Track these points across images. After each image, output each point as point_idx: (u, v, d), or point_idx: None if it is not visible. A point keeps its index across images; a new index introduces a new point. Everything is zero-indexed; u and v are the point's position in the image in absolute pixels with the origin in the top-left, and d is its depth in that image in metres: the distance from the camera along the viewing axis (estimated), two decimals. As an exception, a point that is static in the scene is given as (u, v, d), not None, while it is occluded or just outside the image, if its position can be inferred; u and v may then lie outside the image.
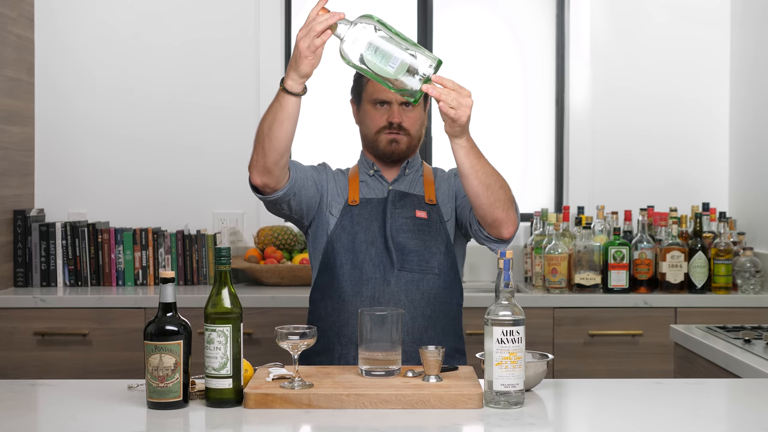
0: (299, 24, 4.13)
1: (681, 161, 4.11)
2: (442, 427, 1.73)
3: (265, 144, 2.23)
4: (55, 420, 1.82)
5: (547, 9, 4.22)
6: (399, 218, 2.43)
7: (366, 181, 2.53)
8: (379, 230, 2.43)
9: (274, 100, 2.24)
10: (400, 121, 2.43)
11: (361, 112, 2.55)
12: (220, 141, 4.06)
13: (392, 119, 2.44)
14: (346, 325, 2.38)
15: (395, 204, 2.45)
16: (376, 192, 2.50)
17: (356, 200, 2.47)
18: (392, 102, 2.44)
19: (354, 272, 2.40)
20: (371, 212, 2.46)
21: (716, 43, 4.11)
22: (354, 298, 2.38)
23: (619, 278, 3.60)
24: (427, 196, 2.48)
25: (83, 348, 3.48)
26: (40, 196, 4.01)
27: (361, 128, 2.57)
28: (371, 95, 2.49)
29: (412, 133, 2.46)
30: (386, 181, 2.52)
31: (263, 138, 2.24)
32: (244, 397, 1.84)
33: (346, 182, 2.53)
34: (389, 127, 2.45)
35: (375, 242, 2.41)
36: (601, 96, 4.11)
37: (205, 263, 3.84)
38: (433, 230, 2.43)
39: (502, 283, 1.84)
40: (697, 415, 1.85)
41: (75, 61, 4.03)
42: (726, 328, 2.77)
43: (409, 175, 2.53)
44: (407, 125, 2.45)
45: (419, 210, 2.45)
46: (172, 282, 1.85)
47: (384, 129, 2.46)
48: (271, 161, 2.25)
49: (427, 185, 2.50)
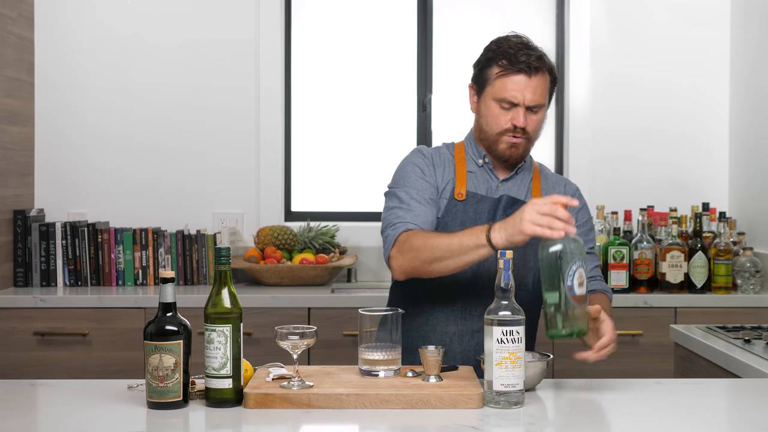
0: (299, 25, 4.16)
1: (681, 160, 4.11)
2: (442, 427, 1.73)
3: (429, 269, 2.14)
4: (55, 420, 1.82)
5: (547, 8, 4.22)
6: None
7: (474, 171, 2.37)
8: None
9: (468, 245, 2.07)
10: (525, 125, 2.27)
11: (482, 104, 2.33)
12: (221, 141, 4.06)
13: (518, 122, 2.27)
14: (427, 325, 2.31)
15: (506, 211, 2.31)
16: (484, 187, 2.35)
17: (463, 194, 2.33)
18: (520, 104, 2.27)
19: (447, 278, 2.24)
20: (477, 211, 2.32)
21: (716, 42, 4.11)
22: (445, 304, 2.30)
23: (619, 278, 3.60)
24: None
25: (83, 348, 3.48)
26: (40, 196, 4.01)
27: (479, 120, 2.36)
28: (499, 93, 2.28)
29: (533, 137, 2.32)
30: (496, 177, 2.38)
31: (430, 264, 2.13)
32: (244, 397, 1.84)
33: (453, 170, 2.37)
34: (513, 130, 2.28)
35: None
36: (601, 95, 4.11)
37: (205, 263, 3.84)
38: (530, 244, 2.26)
39: (502, 283, 1.85)
40: (696, 415, 1.85)
41: (75, 62, 4.03)
42: (726, 328, 2.77)
43: (520, 175, 2.39)
44: (530, 129, 2.29)
45: None
46: (172, 282, 1.85)
47: (507, 131, 2.29)
48: (424, 276, 2.18)
49: (535, 193, 2.37)
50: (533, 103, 2.27)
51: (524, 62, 2.26)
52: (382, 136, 4.20)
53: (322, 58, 4.21)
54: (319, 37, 4.20)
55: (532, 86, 2.26)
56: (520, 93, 2.26)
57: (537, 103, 2.27)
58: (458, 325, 2.32)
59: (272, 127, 4.06)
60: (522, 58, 2.26)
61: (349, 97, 4.21)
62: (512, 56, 2.27)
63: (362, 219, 4.10)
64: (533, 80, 2.26)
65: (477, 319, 2.30)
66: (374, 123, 4.21)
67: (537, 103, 2.27)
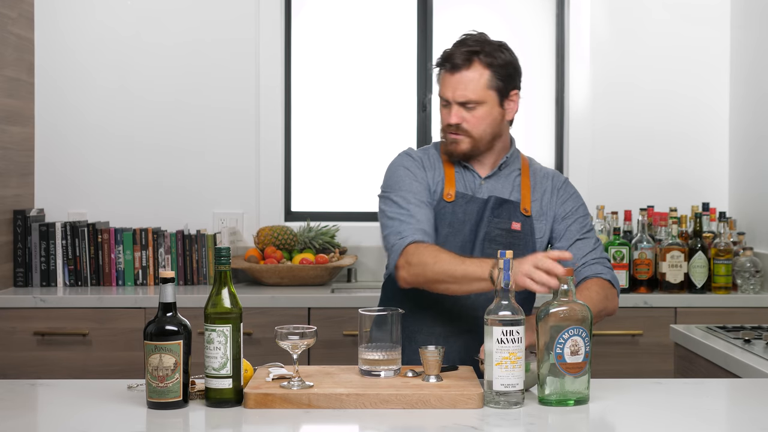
0: (299, 24, 4.16)
1: (681, 159, 4.11)
2: (442, 427, 1.73)
3: (433, 288, 2.20)
4: (55, 420, 1.82)
5: (547, 8, 4.22)
6: (495, 229, 2.31)
7: (459, 171, 2.37)
8: (470, 234, 2.31)
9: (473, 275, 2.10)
10: (458, 122, 2.28)
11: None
12: (221, 141, 4.06)
13: (449, 120, 2.30)
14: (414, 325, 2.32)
15: (493, 212, 2.32)
16: (469, 186, 2.36)
17: (452, 195, 2.33)
18: (451, 101, 2.29)
19: None
20: (466, 212, 2.32)
21: (716, 41, 4.10)
22: (433, 305, 2.30)
23: (619, 278, 3.59)
24: (522, 204, 2.34)
25: (83, 348, 3.48)
26: (40, 196, 4.01)
27: None
28: (439, 92, 2.34)
29: (474, 134, 2.29)
30: (478, 176, 2.37)
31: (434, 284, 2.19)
32: (244, 397, 1.84)
33: (441, 171, 2.37)
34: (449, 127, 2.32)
35: (465, 248, 2.29)
36: (601, 94, 4.11)
37: (205, 263, 3.84)
38: (522, 244, 2.31)
39: (502, 283, 1.85)
40: (696, 415, 1.85)
41: (75, 61, 4.03)
42: (726, 328, 2.77)
43: (504, 171, 2.38)
44: (468, 126, 2.29)
45: (515, 221, 2.32)
46: (172, 282, 1.85)
47: (446, 128, 2.33)
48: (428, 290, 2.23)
49: (524, 189, 2.36)
50: (462, 99, 2.27)
51: (448, 59, 2.28)
52: (382, 136, 4.20)
53: (322, 57, 4.21)
54: (319, 37, 4.20)
55: (460, 83, 2.27)
56: (449, 90, 2.28)
57: (466, 99, 2.26)
58: (445, 326, 2.32)
59: (272, 127, 4.06)
60: (446, 54, 2.29)
61: (349, 96, 4.21)
62: (445, 55, 2.31)
63: (362, 219, 4.10)
64: (459, 76, 2.27)
65: (464, 320, 2.30)
66: (374, 123, 4.21)
67: (466, 99, 2.26)
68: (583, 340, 1.85)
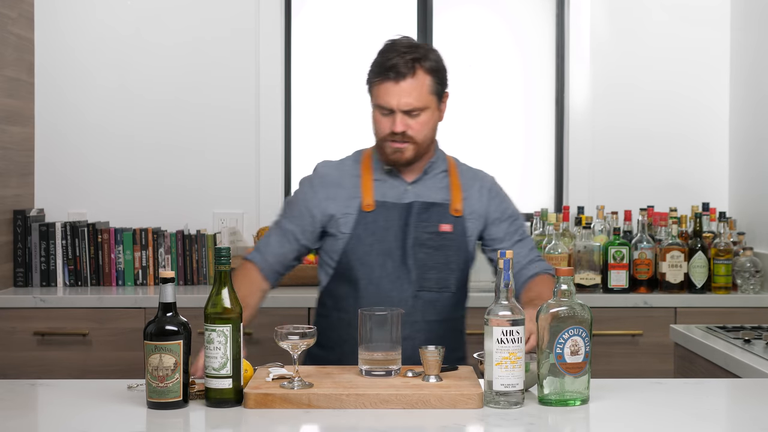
0: (299, 23, 4.16)
1: (681, 160, 4.11)
2: (442, 427, 1.73)
3: None
4: (55, 420, 1.82)
5: (547, 8, 4.22)
6: (422, 233, 2.30)
7: (382, 179, 2.37)
8: (395, 241, 2.30)
9: None
10: (404, 130, 2.27)
11: (372, 111, 2.35)
12: (221, 141, 4.06)
13: (395, 128, 2.26)
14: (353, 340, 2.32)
15: (420, 216, 2.31)
16: (393, 193, 2.35)
17: (371, 204, 2.32)
18: (395, 110, 2.26)
19: (370, 287, 2.29)
20: (388, 219, 2.31)
21: (716, 42, 4.10)
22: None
23: (618, 278, 3.60)
24: (453, 205, 2.34)
25: (83, 348, 3.48)
26: (40, 196, 4.01)
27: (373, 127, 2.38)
28: (376, 99, 2.30)
29: (418, 140, 2.29)
30: (405, 182, 2.36)
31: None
32: (244, 397, 1.84)
33: (358, 181, 2.36)
34: (393, 135, 2.28)
35: (392, 254, 2.29)
36: (601, 95, 4.11)
37: (205, 263, 3.84)
38: (454, 245, 2.31)
39: (502, 283, 1.84)
40: (697, 415, 1.85)
41: (75, 61, 4.03)
42: (726, 328, 2.77)
43: (430, 175, 2.37)
44: (413, 133, 2.28)
45: (444, 223, 2.32)
46: (172, 282, 1.85)
47: (388, 137, 2.29)
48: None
49: (453, 190, 2.35)
50: (408, 107, 2.25)
51: (392, 68, 2.25)
52: (382, 136, 4.19)
53: (322, 57, 4.21)
54: (319, 37, 4.20)
55: (404, 91, 2.24)
56: (393, 99, 2.25)
57: (412, 107, 2.25)
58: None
59: (272, 126, 4.06)
60: (389, 63, 2.25)
61: (349, 96, 4.21)
62: (380, 63, 2.28)
63: (362, 219, 4.09)
64: (403, 85, 2.25)
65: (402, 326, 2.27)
66: (374, 123, 4.21)
67: (412, 107, 2.25)
68: (583, 340, 1.86)
